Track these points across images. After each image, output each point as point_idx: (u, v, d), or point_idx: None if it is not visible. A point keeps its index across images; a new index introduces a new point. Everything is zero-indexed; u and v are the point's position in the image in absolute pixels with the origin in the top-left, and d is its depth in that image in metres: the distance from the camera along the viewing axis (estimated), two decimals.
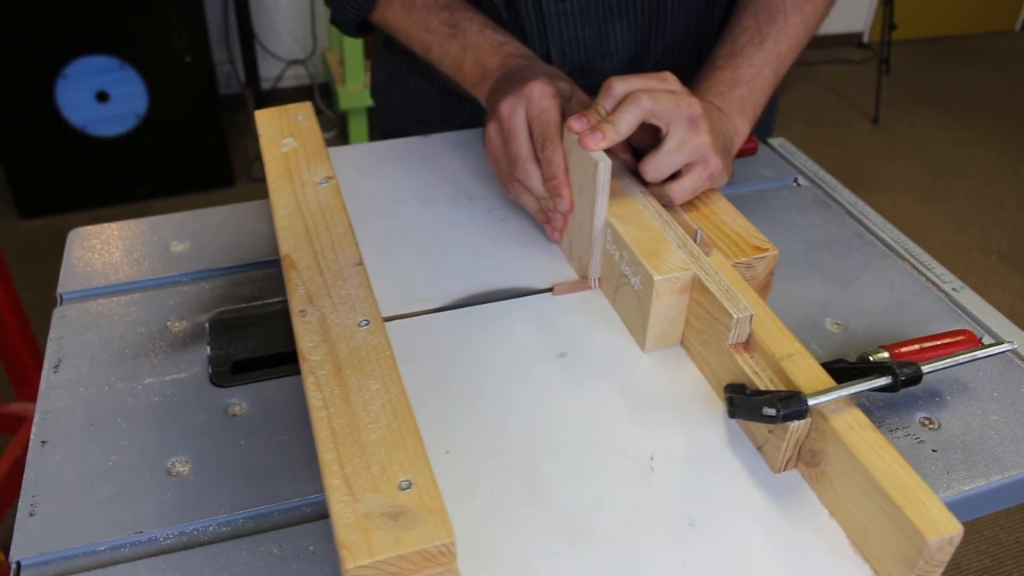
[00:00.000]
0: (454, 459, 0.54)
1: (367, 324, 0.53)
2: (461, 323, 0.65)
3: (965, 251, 2.59)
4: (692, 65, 0.78)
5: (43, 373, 0.62)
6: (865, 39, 3.88)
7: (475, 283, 0.69)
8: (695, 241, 0.63)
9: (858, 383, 0.51)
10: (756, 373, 0.54)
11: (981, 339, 0.65)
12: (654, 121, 0.64)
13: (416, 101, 0.96)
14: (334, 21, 0.87)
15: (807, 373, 0.52)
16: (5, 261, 1.55)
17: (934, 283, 0.73)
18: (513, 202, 0.76)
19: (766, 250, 0.64)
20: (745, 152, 0.87)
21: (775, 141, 0.94)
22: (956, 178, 2.96)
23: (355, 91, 2.68)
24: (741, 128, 0.73)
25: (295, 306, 0.55)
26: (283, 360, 0.63)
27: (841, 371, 0.55)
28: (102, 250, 0.75)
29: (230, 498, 0.53)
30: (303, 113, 0.75)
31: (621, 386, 0.60)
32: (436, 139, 0.88)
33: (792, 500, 0.52)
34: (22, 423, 1.58)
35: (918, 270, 0.75)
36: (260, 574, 0.48)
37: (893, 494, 0.45)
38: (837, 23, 3.83)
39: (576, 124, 0.62)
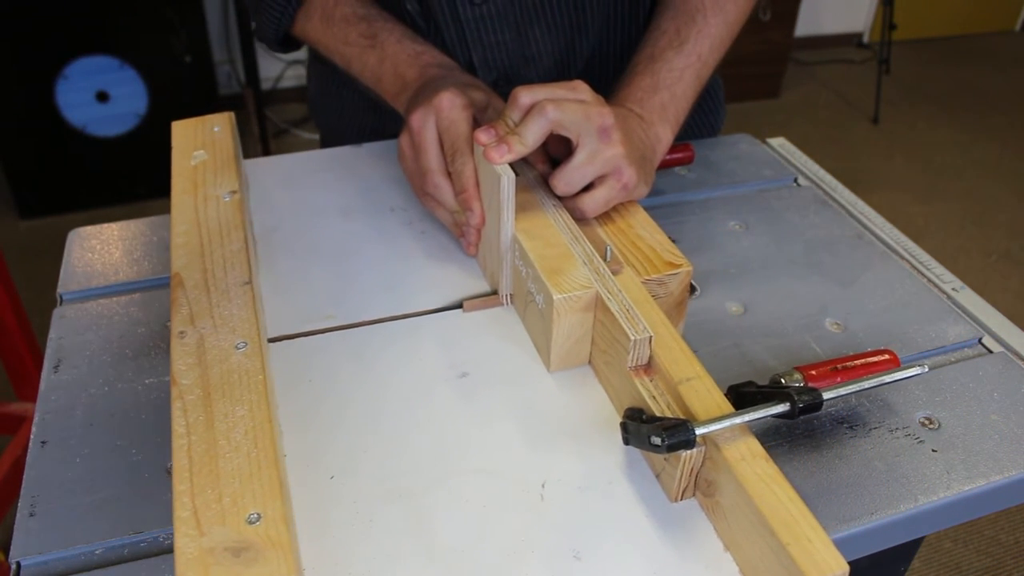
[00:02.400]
0: (338, 484, 0.52)
1: (244, 346, 0.51)
2: (365, 341, 0.63)
3: (965, 251, 2.59)
4: (622, 69, 0.76)
5: (43, 373, 0.62)
6: (865, 39, 3.88)
7: (385, 299, 0.67)
8: (605, 257, 0.60)
9: (752, 411, 0.48)
10: (654, 397, 0.52)
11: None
12: (563, 132, 0.62)
13: (350, 114, 0.94)
14: (258, 36, 0.85)
15: (705, 399, 0.50)
16: (5, 261, 1.55)
17: (934, 283, 0.73)
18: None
19: (679, 266, 0.61)
20: (680, 161, 0.84)
21: (775, 141, 0.94)
22: (956, 178, 2.96)
23: None
24: (663, 135, 0.71)
25: (175, 327, 0.53)
26: None
27: (748, 395, 0.53)
28: (102, 250, 0.75)
29: None
30: (219, 124, 0.73)
31: (521, 408, 0.57)
32: (365, 149, 0.86)
33: (687, 532, 0.49)
34: (22, 423, 1.58)
35: (918, 270, 0.75)
36: None
37: (778, 530, 0.42)
38: (837, 23, 3.83)
39: (483, 136, 0.60)
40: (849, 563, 0.53)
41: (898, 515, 0.52)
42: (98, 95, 2.42)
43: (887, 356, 0.60)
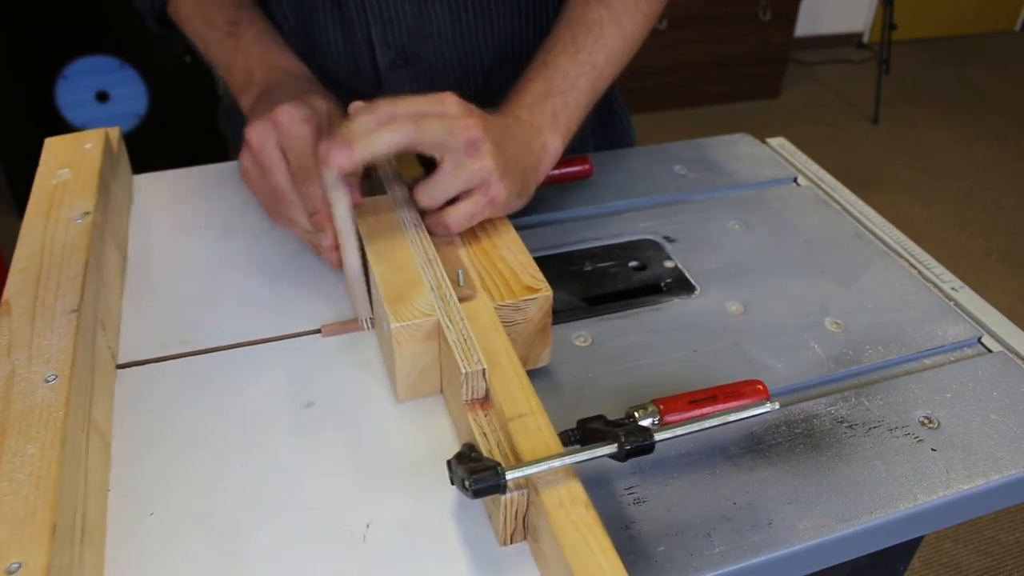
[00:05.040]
0: (156, 522, 0.49)
1: (54, 379, 0.48)
2: (216, 368, 0.60)
3: (965, 251, 2.59)
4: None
5: None
6: (865, 39, 3.89)
7: (245, 323, 0.64)
8: (458, 281, 0.58)
9: (574, 452, 0.46)
10: (484, 434, 0.49)
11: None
12: (424, 151, 0.59)
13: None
14: (136, 6, 0.81)
15: (534, 437, 0.47)
16: (5, 261, 1.55)
17: (934, 283, 0.73)
18: None
19: (538, 290, 0.58)
20: (577, 175, 0.80)
21: (775, 141, 0.94)
22: (956, 178, 2.96)
23: None
24: (551, 144, 0.68)
25: None
26: None
27: (594, 431, 0.50)
28: None
29: None
30: (91, 141, 0.70)
31: (360, 441, 0.54)
32: None
33: None
34: None
35: (918, 270, 0.75)
36: None
37: None
38: (837, 23, 3.84)
39: (323, 148, 0.56)
40: (849, 562, 0.53)
41: (898, 514, 0.52)
42: (98, 95, 2.42)
43: (759, 387, 0.55)
